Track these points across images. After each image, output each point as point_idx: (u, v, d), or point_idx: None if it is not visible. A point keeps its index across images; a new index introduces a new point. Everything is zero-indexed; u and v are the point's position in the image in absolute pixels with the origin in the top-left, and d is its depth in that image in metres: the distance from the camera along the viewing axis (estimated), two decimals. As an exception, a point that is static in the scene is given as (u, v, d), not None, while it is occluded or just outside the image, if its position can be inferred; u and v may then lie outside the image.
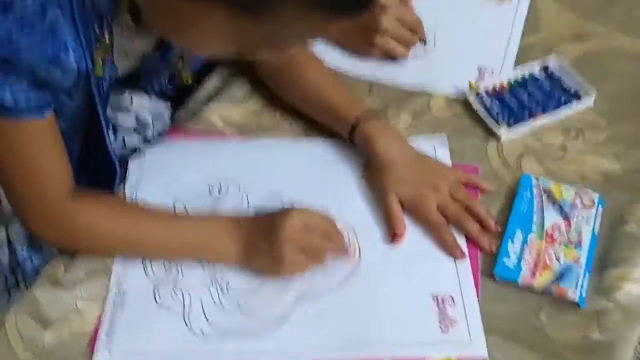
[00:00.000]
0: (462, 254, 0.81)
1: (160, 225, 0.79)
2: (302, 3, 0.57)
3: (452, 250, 0.81)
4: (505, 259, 0.80)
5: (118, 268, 0.79)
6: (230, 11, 0.58)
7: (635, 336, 0.76)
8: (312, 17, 0.59)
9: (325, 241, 0.79)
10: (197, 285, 0.78)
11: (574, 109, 0.96)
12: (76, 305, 0.76)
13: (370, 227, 0.84)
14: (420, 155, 0.88)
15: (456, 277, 0.80)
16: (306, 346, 0.75)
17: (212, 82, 0.99)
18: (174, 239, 0.79)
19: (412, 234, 0.83)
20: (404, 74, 1.01)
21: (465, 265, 0.80)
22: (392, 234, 0.83)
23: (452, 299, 0.78)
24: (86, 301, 0.77)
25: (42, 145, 0.71)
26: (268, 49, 0.66)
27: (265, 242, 0.77)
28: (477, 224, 0.83)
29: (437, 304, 0.77)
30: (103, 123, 0.77)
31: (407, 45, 1.02)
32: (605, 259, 0.81)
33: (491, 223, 0.83)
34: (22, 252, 0.90)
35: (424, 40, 1.03)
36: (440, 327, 0.76)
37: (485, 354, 0.74)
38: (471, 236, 0.82)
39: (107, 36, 0.70)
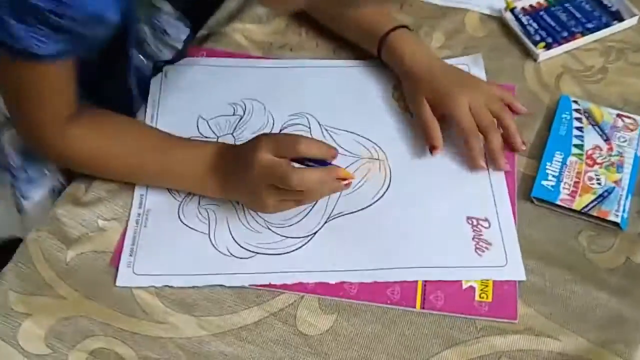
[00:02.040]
0: (483, 166, 0.77)
1: (152, 154, 0.74)
2: None
3: (474, 160, 0.77)
4: (543, 181, 0.76)
5: (141, 186, 0.76)
6: None
7: (680, 259, 0.72)
8: None
9: (305, 172, 0.67)
10: (222, 203, 0.75)
11: (616, 29, 0.91)
12: (98, 224, 0.74)
13: (400, 150, 0.80)
14: (452, 67, 0.83)
15: (492, 197, 0.76)
16: (332, 259, 0.71)
17: (233, 2, 0.94)
18: (164, 168, 0.74)
19: (446, 154, 0.79)
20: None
21: (502, 185, 0.76)
22: (430, 146, 0.78)
23: (488, 220, 0.74)
24: (108, 220, 0.74)
25: (52, 85, 0.68)
26: None
27: (241, 177, 0.70)
28: (501, 141, 0.77)
29: (472, 227, 0.74)
30: (130, 53, 0.74)
31: None
32: (648, 182, 0.77)
33: (518, 140, 0.79)
34: (16, 159, 0.83)
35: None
36: (476, 251, 0.72)
37: (523, 277, 0.70)
38: (490, 150, 0.77)
39: None
